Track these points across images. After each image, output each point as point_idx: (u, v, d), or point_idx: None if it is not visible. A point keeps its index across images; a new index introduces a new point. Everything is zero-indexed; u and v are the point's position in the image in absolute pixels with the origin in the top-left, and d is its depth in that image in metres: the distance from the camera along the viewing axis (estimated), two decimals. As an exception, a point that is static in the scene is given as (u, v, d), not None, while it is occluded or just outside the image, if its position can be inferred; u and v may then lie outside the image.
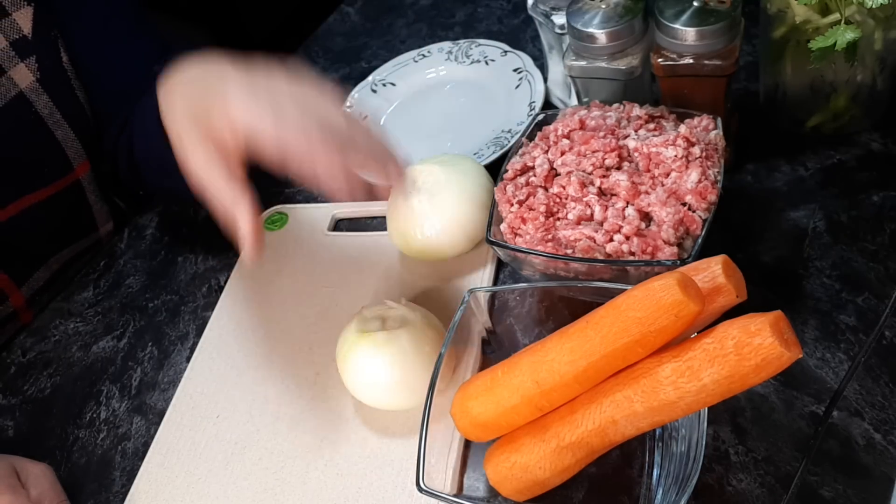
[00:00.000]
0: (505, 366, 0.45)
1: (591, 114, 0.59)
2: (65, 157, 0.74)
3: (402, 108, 0.84)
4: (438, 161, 0.64)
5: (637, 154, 0.56)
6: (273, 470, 0.56)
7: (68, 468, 0.60)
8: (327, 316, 0.65)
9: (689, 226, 0.52)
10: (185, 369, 0.64)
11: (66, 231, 0.79)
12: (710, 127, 0.56)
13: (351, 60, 0.95)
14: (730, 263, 0.43)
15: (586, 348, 0.41)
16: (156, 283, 0.74)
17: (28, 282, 0.77)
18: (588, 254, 0.52)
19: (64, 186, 0.75)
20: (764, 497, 0.46)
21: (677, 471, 0.43)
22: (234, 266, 0.72)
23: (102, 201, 0.81)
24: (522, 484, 0.45)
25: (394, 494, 0.52)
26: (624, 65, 0.60)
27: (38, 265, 0.77)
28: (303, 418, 0.58)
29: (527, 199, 0.56)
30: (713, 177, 0.53)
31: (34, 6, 0.67)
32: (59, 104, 0.71)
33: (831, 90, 0.62)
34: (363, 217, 0.74)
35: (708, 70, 0.57)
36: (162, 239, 0.79)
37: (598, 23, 0.59)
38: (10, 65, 0.67)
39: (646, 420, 0.41)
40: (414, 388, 0.53)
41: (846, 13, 0.53)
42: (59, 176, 0.74)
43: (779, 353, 0.36)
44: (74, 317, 0.73)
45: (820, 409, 0.49)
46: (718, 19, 0.55)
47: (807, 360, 0.52)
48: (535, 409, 0.44)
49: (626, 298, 0.40)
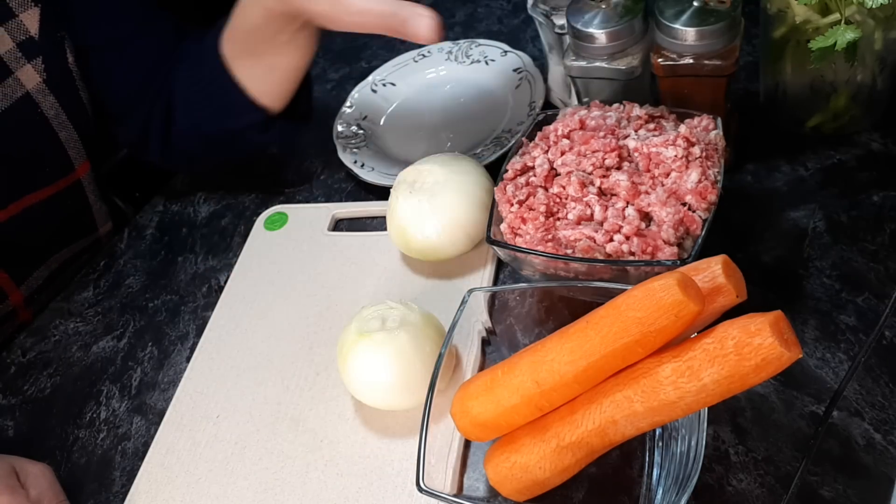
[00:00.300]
0: (505, 366, 0.45)
1: (591, 114, 0.59)
2: (67, 158, 0.74)
3: (402, 108, 0.84)
4: (438, 161, 0.64)
5: (637, 154, 0.56)
6: (273, 470, 0.56)
7: (68, 468, 0.60)
8: (327, 316, 0.65)
9: (689, 226, 0.51)
10: (185, 369, 0.64)
11: (66, 230, 0.79)
12: (710, 127, 0.56)
13: (351, 60, 0.95)
14: (730, 263, 0.43)
15: (586, 348, 0.41)
16: (156, 283, 0.74)
17: (27, 281, 0.77)
18: (588, 254, 0.52)
19: (65, 186, 0.75)
20: (764, 497, 0.46)
21: (677, 471, 0.43)
22: (234, 266, 0.72)
23: (101, 201, 0.81)
24: (522, 484, 0.45)
25: (394, 494, 0.52)
26: (624, 65, 0.60)
27: (37, 264, 0.77)
28: (303, 418, 0.58)
29: (527, 199, 0.56)
30: (713, 177, 0.53)
31: (41, 7, 0.67)
32: (64, 105, 0.71)
33: (831, 90, 0.62)
34: (363, 217, 0.74)
35: (708, 70, 0.57)
36: (162, 239, 0.79)
37: (598, 23, 0.59)
38: (16, 66, 0.67)
39: (646, 420, 0.41)
40: (414, 388, 0.53)
41: (846, 13, 0.53)
42: (61, 176, 0.74)
43: (779, 353, 0.36)
44: (74, 317, 0.73)
45: (820, 409, 0.49)
46: (718, 19, 0.55)
47: (807, 360, 0.52)
48: (535, 409, 0.44)
49: (626, 298, 0.40)
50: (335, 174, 0.80)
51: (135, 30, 0.73)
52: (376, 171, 0.75)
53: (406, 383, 0.53)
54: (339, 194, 0.78)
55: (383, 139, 0.81)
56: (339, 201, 0.76)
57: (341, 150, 0.79)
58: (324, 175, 0.80)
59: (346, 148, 0.79)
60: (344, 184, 0.79)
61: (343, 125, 0.82)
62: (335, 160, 0.78)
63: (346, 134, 0.81)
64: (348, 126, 0.82)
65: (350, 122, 0.83)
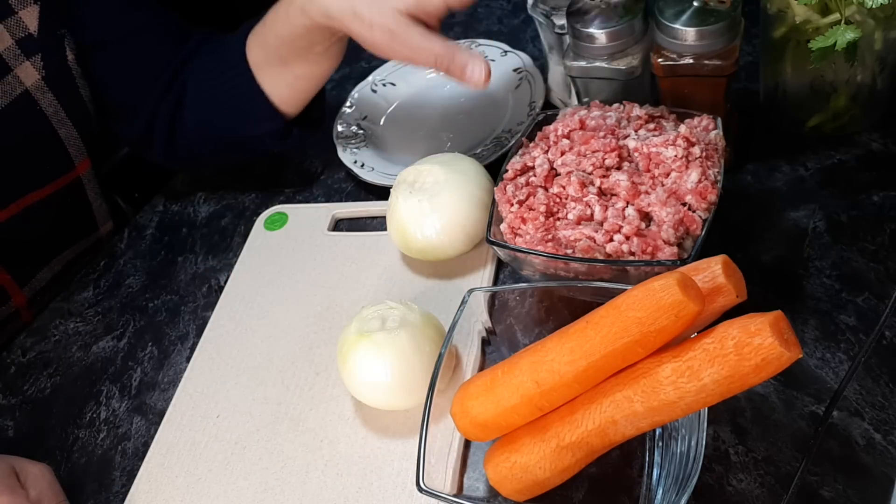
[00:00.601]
0: (505, 366, 0.45)
1: (591, 114, 0.59)
2: (67, 155, 0.74)
3: (402, 108, 0.84)
4: (438, 161, 0.64)
5: (637, 154, 0.56)
6: (273, 470, 0.56)
7: (68, 468, 0.60)
8: (327, 316, 0.65)
9: (689, 226, 0.51)
10: (185, 369, 0.64)
11: (67, 229, 0.79)
12: (710, 127, 0.56)
13: (351, 60, 0.95)
14: (730, 263, 0.43)
15: (586, 348, 0.41)
16: (156, 283, 0.74)
17: (31, 282, 0.77)
18: (588, 254, 0.52)
19: (65, 184, 0.75)
20: (764, 497, 0.46)
21: (677, 471, 0.43)
22: (234, 266, 0.72)
23: (102, 199, 0.81)
24: (522, 484, 0.45)
25: (394, 494, 0.52)
26: (624, 65, 0.60)
27: (40, 265, 0.77)
28: (303, 418, 0.58)
29: (527, 199, 0.56)
30: (713, 177, 0.53)
31: (40, 5, 0.68)
32: (63, 102, 0.71)
33: (831, 90, 0.62)
34: (363, 217, 0.74)
35: (708, 70, 0.57)
36: (162, 239, 0.79)
37: (598, 23, 0.59)
38: (15, 63, 0.67)
39: (646, 420, 0.41)
40: (414, 388, 0.53)
41: (846, 13, 0.53)
42: (61, 173, 0.74)
43: (779, 353, 0.36)
44: (74, 317, 0.73)
45: (820, 409, 0.49)
46: (718, 19, 0.55)
47: (807, 360, 0.52)
48: (535, 409, 0.44)
49: (626, 298, 0.40)
50: (335, 174, 0.80)
51: (138, 26, 0.73)
52: (376, 171, 0.75)
53: (406, 383, 0.53)
54: (339, 194, 0.78)
55: (383, 139, 0.81)
56: (339, 201, 0.76)
57: (341, 150, 0.79)
58: (324, 175, 0.80)
59: (346, 148, 0.79)
60: (344, 184, 0.79)
61: (343, 125, 0.82)
62: (335, 160, 0.78)
63: (346, 134, 0.81)
64: (348, 126, 0.82)
65: (350, 122, 0.83)
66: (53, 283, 0.79)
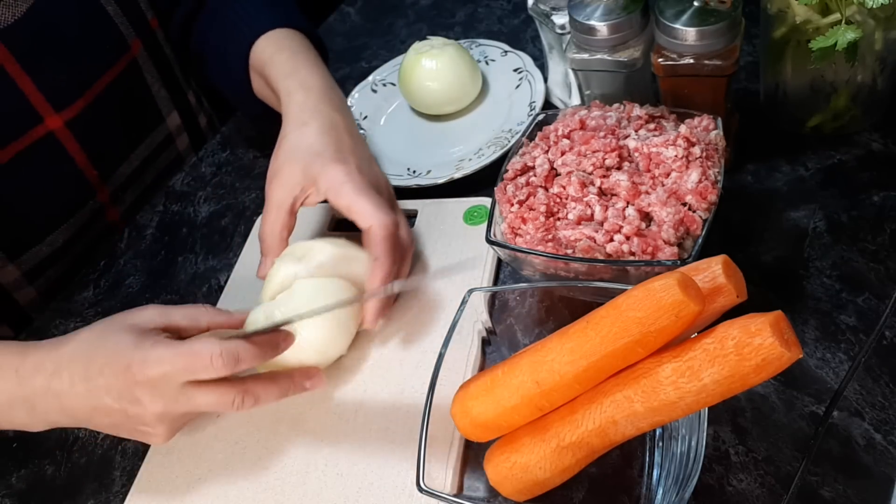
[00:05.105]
0: (505, 366, 0.45)
1: (592, 114, 0.59)
2: (119, 33, 0.76)
3: (402, 108, 0.84)
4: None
5: (637, 154, 0.56)
6: (273, 470, 0.56)
7: (68, 468, 0.60)
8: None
9: (689, 226, 0.52)
10: (185, 369, 0.64)
11: (136, 121, 0.82)
12: (711, 127, 0.56)
13: (351, 60, 0.95)
14: (730, 263, 0.43)
15: (586, 348, 0.41)
16: (156, 283, 0.74)
17: (112, 177, 0.80)
18: (588, 254, 0.52)
19: (122, 69, 0.77)
20: (764, 497, 0.46)
21: (677, 471, 0.43)
22: (234, 266, 0.72)
23: (161, 84, 0.83)
24: (522, 484, 0.45)
25: (394, 494, 0.52)
26: (625, 56, 0.60)
27: (120, 161, 0.81)
28: (303, 418, 0.58)
29: (527, 199, 0.56)
30: (713, 177, 0.53)
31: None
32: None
33: (831, 90, 0.62)
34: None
35: (708, 70, 0.57)
36: (162, 239, 0.79)
37: (600, 15, 0.59)
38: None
39: (646, 420, 0.41)
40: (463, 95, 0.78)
41: (846, 13, 0.53)
42: (117, 56, 0.77)
43: (779, 353, 0.36)
44: (74, 317, 0.73)
45: (820, 409, 0.49)
46: (719, 19, 0.55)
47: (807, 360, 0.52)
48: (536, 409, 0.44)
49: (626, 298, 0.40)
50: (335, 174, 0.80)
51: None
52: (376, 171, 0.75)
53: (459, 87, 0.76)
54: (339, 194, 0.78)
55: (383, 139, 0.81)
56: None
57: (341, 150, 0.79)
58: (324, 175, 0.80)
59: (347, 148, 0.79)
60: (344, 184, 0.79)
61: (343, 125, 0.82)
62: (335, 160, 0.78)
63: (346, 134, 0.81)
64: (348, 126, 0.82)
65: (350, 121, 0.82)
66: (133, 179, 0.82)
